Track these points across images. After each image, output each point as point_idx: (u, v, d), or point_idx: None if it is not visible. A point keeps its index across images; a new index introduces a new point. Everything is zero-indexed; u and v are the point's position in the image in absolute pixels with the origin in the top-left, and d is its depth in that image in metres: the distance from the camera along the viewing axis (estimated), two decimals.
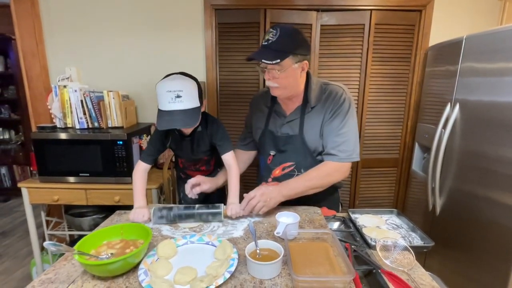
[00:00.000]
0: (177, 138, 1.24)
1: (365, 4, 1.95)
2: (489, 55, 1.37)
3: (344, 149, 1.13)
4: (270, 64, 1.02)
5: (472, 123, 1.47)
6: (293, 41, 1.04)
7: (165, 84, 1.04)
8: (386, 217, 1.14)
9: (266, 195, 1.05)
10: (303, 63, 1.09)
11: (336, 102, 1.14)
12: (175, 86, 1.02)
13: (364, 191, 2.24)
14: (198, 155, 1.29)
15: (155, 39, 2.07)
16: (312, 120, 1.17)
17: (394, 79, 2.08)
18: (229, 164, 1.17)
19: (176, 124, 1.04)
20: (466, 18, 2.01)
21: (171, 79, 1.05)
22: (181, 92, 1.02)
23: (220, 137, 1.20)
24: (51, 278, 0.76)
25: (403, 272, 0.81)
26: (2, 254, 2.46)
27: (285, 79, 1.08)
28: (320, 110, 1.16)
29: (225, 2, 1.98)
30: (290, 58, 1.03)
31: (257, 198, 1.04)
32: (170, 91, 1.02)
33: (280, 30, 1.03)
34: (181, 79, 1.06)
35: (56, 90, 1.84)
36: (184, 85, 1.04)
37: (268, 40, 1.03)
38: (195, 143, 1.24)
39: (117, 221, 1.09)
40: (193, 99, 1.06)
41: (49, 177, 1.77)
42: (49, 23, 2.04)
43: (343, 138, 1.13)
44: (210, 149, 1.27)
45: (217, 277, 0.71)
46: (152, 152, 1.20)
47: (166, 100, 1.03)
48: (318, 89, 1.18)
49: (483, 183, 1.40)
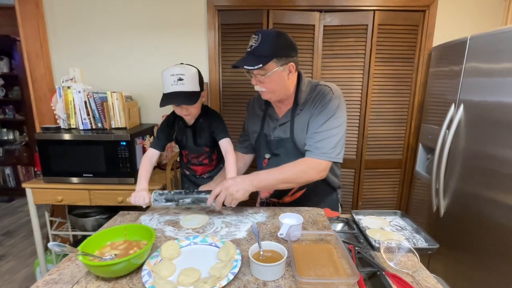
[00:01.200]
0: (181, 128, 1.36)
1: (368, 4, 1.95)
2: (494, 55, 1.36)
3: (322, 146, 1.09)
4: (253, 70, 1.03)
5: (477, 123, 1.46)
6: (275, 45, 1.03)
7: (169, 69, 1.17)
8: (390, 219, 1.14)
9: (232, 188, 1.02)
10: (289, 65, 1.08)
11: (321, 101, 1.12)
12: (178, 71, 1.16)
13: (367, 192, 2.22)
14: (200, 144, 1.38)
15: (158, 40, 2.08)
16: (301, 122, 1.16)
17: (398, 79, 2.07)
18: (226, 150, 1.25)
19: (176, 101, 1.16)
20: (470, 18, 2.00)
21: (175, 65, 1.19)
22: (182, 76, 1.15)
23: (216, 125, 1.30)
24: (55, 278, 0.76)
25: (407, 274, 0.80)
26: (6, 254, 2.48)
27: (270, 83, 1.08)
28: (307, 111, 1.15)
29: (228, 3, 1.98)
30: (273, 61, 1.03)
31: (223, 193, 1.03)
32: (173, 74, 1.15)
33: (262, 35, 1.03)
34: (184, 66, 1.20)
35: (60, 91, 1.85)
36: (186, 70, 1.17)
37: (252, 46, 1.04)
38: (197, 133, 1.35)
39: (120, 221, 1.09)
40: (194, 83, 1.18)
41: (53, 178, 1.78)
42: (53, 24, 2.06)
43: (323, 136, 1.10)
44: (211, 140, 1.36)
45: (221, 279, 0.71)
46: (161, 139, 1.32)
47: (169, 83, 1.15)
48: (308, 90, 1.17)
49: (488, 184, 1.39)
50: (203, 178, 1.47)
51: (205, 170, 1.46)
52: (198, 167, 1.45)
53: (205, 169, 1.46)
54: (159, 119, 2.14)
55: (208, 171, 1.47)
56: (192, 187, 1.49)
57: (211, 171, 1.47)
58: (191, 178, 1.49)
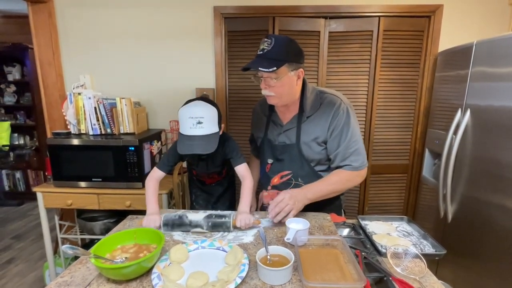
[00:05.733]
0: (194, 156, 1.29)
1: (373, 10, 1.96)
2: (501, 60, 1.36)
3: (356, 158, 1.15)
4: (266, 72, 1.04)
5: (484, 128, 1.45)
6: (288, 50, 1.06)
7: (188, 110, 1.08)
8: (397, 224, 1.14)
9: (294, 198, 1.05)
10: (299, 71, 1.10)
11: (338, 116, 1.14)
12: (197, 113, 1.07)
13: (373, 197, 2.22)
14: (212, 169, 1.36)
15: (165, 47, 2.12)
16: (309, 129, 1.17)
17: (403, 85, 2.07)
18: (242, 175, 1.21)
19: (196, 150, 1.08)
20: (475, 23, 2.00)
21: (193, 106, 1.10)
22: (202, 119, 1.07)
23: (231, 151, 1.24)
24: (67, 281, 0.78)
25: (414, 280, 0.80)
26: (16, 257, 2.52)
27: (280, 88, 1.09)
28: (317, 121, 1.16)
29: (234, 11, 2.02)
30: (285, 66, 1.05)
31: (286, 201, 1.03)
32: (192, 117, 1.07)
33: (275, 39, 1.05)
34: (203, 105, 1.10)
35: (71, 97, 1.90)
36: (205, 112, 1.09)
37: (264, 49, 1.05)
38: (210, 162, 1.32)
39: (129, 225, 1.11)
40: (213, 125, 1.11)
41: (63, 182, 1.82)
42: (65, 33, 2.12)
43: (353, 148, 1.15)
44: (224, 162, 1.34)
45: (229, 282, 0.72)
46: (169, 162, 1.25)
47: (188, 126, 1.08)
48: (313, 97, 1.18)
49: (496, 189, 1.38)
50: (211, 185, 1.48)
51: (214, 181, 1.47)
52: (207, 179, 1.46)
53: (214, 181, 1.47)
54: (166, 125, 2.17)
55: (217, 181, 1.47)
56: (200, 193, 1.50)
57: (220, 181, 1.48)
58: (198, 184, 1.50)
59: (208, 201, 1.49)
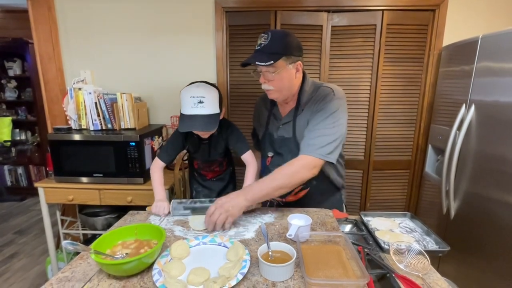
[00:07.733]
0: (195, 141, 1.30)
1: (377, 4, 1.93)
2: (506, 54, 1.34)
3: (314, 143, 1.07)
4: (264, 66, 1.04)
5: (489, 124, 1.43)
6: (285, 43, 1.06)
7: (190, 90, 1.10)
8: (399, 220, 1.13)
9: (226, 205, 0.99)
10: (297, 64, 1.10)
11: (321, 101, 1.12)
12: (199, 92, 1.09)
13: (375, 193, 2.20)
14: (214, 157, 1.36)
15: (166, 41, 2.10)
16: (302, 121, 1.17)
17: (407, 80, 2.05)
18: (248, 161, 1.23)
19: (196, 128, 1.10)
20: (481, 17, 1.96)
21: (195, 86, 1.12)
22: (203, 98, 1.09)
23: (236, 139, 1.26)
24: (68, 276, 0.78)
25: (417, 277, 0.79)
26: (19, 252, 2.53)
27: (279, 81, 1.09)
28: (307, 112, 1.16)
29: (235, 5, 1.99)
30: (283, 59, 1.05)
31: (218, 211, 0.97)
32: (194, 96, 1.09)
33: (272, 34, 1.05)
34: (204, 86, 1.13)
35: (72, 92, 1.89)
36: (207, 92, 1.11)
37: (261, 44, 1.06)
38: (212, 147, 1.31)
39: (130, 221, 1.11)
40: (214, 106, 1.13)
41: (64, 177, 1.82)
42: (65, 27, 2.10)
43: (317, 134, 1.08)
44: (225, 151, 1.34)
45: (230, 278, 0.72)
46: (171, 151, 1.26)
47: (189, 105, 1.10)
48: (311, 91, 1.17)
49: (499, 186, 1.36)
50: (212, 181, 1.48)
51: (215, 175, 1.47)
52: (209, 173, 1.46)
53: (215, 174, 1.47)
54: (167, 120, 2.16)
55: (218, 175, 1.48)
56: (201, 188, 1.50)
57: (221, 175, 1.48)
58: (199, 180, 1.50)
59: (209, 196, 1.49)
